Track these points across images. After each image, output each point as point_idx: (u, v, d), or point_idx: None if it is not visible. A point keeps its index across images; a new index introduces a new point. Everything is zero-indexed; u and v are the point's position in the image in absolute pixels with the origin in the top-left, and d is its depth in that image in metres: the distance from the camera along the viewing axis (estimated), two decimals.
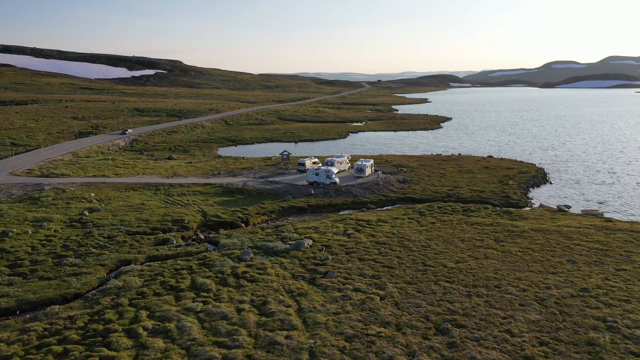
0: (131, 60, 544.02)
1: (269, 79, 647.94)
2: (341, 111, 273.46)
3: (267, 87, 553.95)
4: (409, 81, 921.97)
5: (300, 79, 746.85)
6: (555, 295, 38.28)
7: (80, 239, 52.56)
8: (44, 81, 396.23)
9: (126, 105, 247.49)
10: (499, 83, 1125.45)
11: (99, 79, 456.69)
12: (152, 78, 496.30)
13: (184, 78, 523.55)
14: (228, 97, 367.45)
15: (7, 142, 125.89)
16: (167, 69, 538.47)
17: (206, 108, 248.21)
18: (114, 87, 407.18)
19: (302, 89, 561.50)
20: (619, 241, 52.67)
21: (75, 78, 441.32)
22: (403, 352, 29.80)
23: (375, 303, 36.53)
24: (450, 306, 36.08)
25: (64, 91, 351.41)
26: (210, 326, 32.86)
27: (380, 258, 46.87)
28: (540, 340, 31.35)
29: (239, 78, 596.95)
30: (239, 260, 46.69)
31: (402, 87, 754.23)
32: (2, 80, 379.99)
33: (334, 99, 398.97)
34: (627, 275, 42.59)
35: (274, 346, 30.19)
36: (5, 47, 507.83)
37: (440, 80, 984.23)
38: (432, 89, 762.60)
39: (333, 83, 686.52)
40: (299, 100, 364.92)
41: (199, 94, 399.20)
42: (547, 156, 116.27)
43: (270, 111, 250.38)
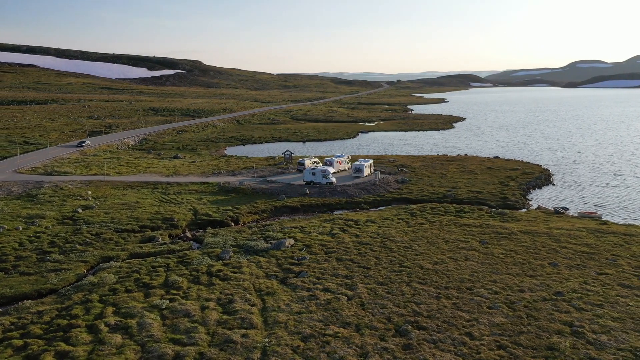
0: (151, 60, 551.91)
1: (287, 79, 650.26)
2: (355, 111, 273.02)
3: (284, 87, 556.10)
4: (429, 81, 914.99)
5: (318, 78, 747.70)
6: (527, 298, 37.64)
7: (69, 235, 53.60)
8: (66, 81, 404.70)
9: (142, 104, 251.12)
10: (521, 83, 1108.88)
11: (119, 79, 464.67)
12: (172, 78, 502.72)
13: (203, 78, 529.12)
14: (245, 97, 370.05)
15: (20, 140, 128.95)
16: (186, 69, 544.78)
17: (220, 108, 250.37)
18: (134, 87, 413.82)
19: (320, 89, 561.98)
20: (608, 244, 51.51)
21: (97, 78, 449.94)
22: (356, 352, 29.68)
23: (341, 303, 36.43)
24: (416, 308, 35.77)
25: (84, 91, 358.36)
26: (171, 323, 33.22)
27: (359, 258, 46.70)
28: (499, 344, 30.87)
29: (257, 78, 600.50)
30: (217, 258, 47.05)
31: (422, 86, 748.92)
32: (26, 80, 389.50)
33: (350, 99, 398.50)
34: (608, 280, 41.64)
35: (229, 344, 30.37)
36: (30, 48, 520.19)
37: (460, 80, 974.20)
38: (451, 88, 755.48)
39: (351, 83, 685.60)
40: (315, 100, 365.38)
41: (216, 93, 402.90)
42: (554, 157, 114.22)
43: (283, 111, 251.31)
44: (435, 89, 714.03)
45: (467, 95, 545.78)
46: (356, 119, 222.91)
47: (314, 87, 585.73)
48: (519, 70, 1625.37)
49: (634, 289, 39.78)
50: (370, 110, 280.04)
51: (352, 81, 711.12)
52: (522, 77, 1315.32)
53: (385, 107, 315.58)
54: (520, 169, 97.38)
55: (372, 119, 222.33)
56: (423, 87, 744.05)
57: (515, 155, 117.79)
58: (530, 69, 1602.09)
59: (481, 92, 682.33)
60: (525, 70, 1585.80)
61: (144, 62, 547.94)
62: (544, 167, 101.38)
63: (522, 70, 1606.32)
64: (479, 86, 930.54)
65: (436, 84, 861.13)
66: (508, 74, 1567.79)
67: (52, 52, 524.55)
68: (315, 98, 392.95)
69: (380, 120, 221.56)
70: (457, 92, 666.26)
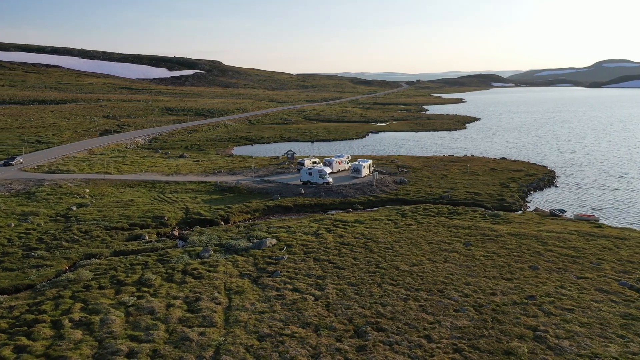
0: (171, 60, 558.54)
1: (305, 79, 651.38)
2: (370, 111, 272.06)
3: (303, 87, 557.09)
4: (450, 81, 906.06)
5: (337, 78, 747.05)
6: (497, 302, 37.08)
7: (58, 233, 54.68)
8: (87, 81, 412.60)
9: (158, 104, 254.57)
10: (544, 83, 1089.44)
11: (139, 79, 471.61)
12: (191, 78, 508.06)
13: (222, 78, 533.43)
14: (261, 97, 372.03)
15: (32, 139, 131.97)
16: (205, 69, 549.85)
17: (234, 107, 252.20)
18: (153, 87, 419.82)
19: (338, 89, 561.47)
20: (596, 248, 50.41)
21: (118, 78, 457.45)
22: (308, 353, 29.66)
23: (306, 303, 36.42)
24: (381, 309, 35.55)
25: (104, 91, 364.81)
26: (134, 320, 33.67)
27: (336, 259, 46.61)
28: (456, 348, 30.50)
29: (276, 78, 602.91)
30: (197, 257, 47.48)
31: (441, 86, 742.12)
32: (49, 80, 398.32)
33: (367, 99, 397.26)
34: (586, 284, 40.76)
35: (184, 342, 30.65)
36: (54, 49, 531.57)
37: (481, 80, 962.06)
38: (472, 88, 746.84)
39: (370, 83, 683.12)
40: (331, 100, 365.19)
41: (233, 93, 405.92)
42: (562, 159, 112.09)
43: (297, 111, 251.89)
44: (455, 89, 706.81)
45: (486, 96, 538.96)
46: (369, 119, 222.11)
47: (332, 87, 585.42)
48: (543, 70, 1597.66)
49: (611, 294, 38.87)
50: (384, 111, 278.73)
51: (371, 81, 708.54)
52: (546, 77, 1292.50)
53: (400, 107, 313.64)
54: (524, 171, 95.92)
55: (384, 119, 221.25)
56: (443, 87, 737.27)
57: (523, 156, 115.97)
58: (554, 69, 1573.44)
59: (501, 92, 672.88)
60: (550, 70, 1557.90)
61: (164, 62, 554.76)
62: (550, 169, 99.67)
63: (546, 70, 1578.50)
64: (501, 86, 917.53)
65: (456, 84, 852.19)
66: (531, 74, 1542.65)
67: (75, 53, 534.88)
68: (331, 98, 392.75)
69: (393, 120, 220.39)
70: (477, 92, 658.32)
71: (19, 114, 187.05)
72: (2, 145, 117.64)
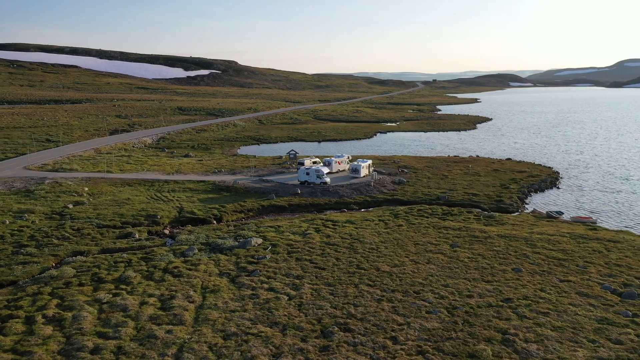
0: (187, 60, 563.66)
1: (320, 79, 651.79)
2: (381, 111, 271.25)
3: (317, 87, 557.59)
4: (466, 80, 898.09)
5: (353, 78, 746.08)
6: (472, 304, 36.70)
7: (51, 230, 55.63)
8: (104, 81, 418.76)
9: (171, 104, 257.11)
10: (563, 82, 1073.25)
11: (155, 79, 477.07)
12: (206, 78, 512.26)
13: (237, 78, 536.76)
14: (275, 97, 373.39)
15: (43, 138, 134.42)
16: (221, 69, 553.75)
17: (245, 107, 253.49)
18: (168, 87, 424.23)
19: (353, 89, 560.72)
20: (586, 251, 49.58)
21: (134, 78, 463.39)
22: (270, 352, 29.73)
23: (279, 303, 36.50)
24: (353, 310, 35.45)
25: (120, 91, 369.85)
26: (105, 317, 34.12)
27: (319, 259, 46.60)
28: (421, 350, 30.28)
29: (290, 78, 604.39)
30: (181, 255, 47.88)
31: (457, 86, 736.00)
32: (67, 80, 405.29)
33: (380, 99, 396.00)
34: (567, 287, 40.13)
35: (150, 339, 30.96)
36: (73, 49, 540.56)
37: (499, 79, 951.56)
38: (489, 88, 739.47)
39: (385, 83, 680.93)
40: (344, 100, 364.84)
41: (247, 93, 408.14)
42: (568, 160, 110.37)
43: (307, 111, 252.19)
44: (472, 89, 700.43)
45: (502, 96, 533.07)
46: (379, 119, 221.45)
47: (347, 87, 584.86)
48: (564, 70, 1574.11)
49: (591, 297, 38.21)
50: (397, 111, 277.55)
51: (386, 81, 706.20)
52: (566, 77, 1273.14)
53: (413, 107, 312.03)
54: (528, 172, 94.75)
55: (395, 119, 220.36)
56: (459, 87, 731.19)
57: (529, 157, 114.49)
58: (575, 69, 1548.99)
59: (519, 92, 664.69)
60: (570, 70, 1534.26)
61: (181, 62, 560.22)
62: (554, 170, 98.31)
63: (566, 70, 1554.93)
64: (518, 86, 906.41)
65: (473, 83, 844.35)
66: (551, 74, 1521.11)
67: (94, 53, 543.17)
68: (345, 98, 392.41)
69: (404, 120, 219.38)
70: (494, 92, 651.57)
71: (33, 113, 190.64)
72: (13, 144, 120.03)
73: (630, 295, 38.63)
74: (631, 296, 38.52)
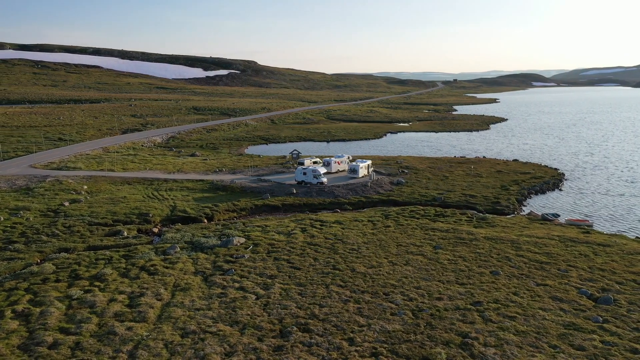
0: (207, 60, 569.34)
1: (339, 79, 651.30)
2: (396, 111, 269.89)
3: (335, 87, 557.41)
4: (488, 80, 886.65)
5: (372, 78, 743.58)
6: (439, 306, 36.30)
7: (43, 227, 56.87)
8: (125, 81, 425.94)
9: (186, 104, 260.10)
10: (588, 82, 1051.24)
11: (175, 79, 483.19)
12: (225, 78, 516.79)
13: (255, 78, 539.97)
14: (292, 97, 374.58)
15: (56, 137, 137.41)
16: (240, 69, 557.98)
17: (259, 107, 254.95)
18: (187, 87, 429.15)
19: (371, 89, 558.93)
20: (572, 254, 48.57)
21: (154, 78, 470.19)
22: (223, 351, 29.89)
23: (245, 302, 36.68)
24: (317, 310, 35.41)
25: (140, 90, 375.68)
26: (72, 313, 34.76)
27: (297, 259, 46.66)
28: (375, 352, 30.08)
29: (309, 78, 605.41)
30: (162, 253, 48.43)
31: (478, 86, 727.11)
32: (89, 80, 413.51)
33: (397, 99, 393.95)
34: (542, 291, 39.38)
35: (109, 336, 31.44)
36: (96, 50, 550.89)
37: (521, 79, 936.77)
38: (510, 88, 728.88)
39: (404, 83, 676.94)
40: (361, 100, 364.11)
41: (264, 93, 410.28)
42: (576, 161, 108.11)
43: (321, 110, 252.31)
44: (493, 89, 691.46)
45: (523, 96, 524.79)
46: (392, 119, 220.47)
47: (365, 87, 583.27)
48: (590, 69, 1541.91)
49: (564, 302, 37.44)
50: (412, 111, 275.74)
51: (405, 81, 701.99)
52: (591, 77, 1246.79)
53: (429, 107, 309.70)
54: (532, 173, 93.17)
55: (408, 119, 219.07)
56: (479, 87, 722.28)
57: (537, 158, 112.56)
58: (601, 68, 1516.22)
59: (541, 92, 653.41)
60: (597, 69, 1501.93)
61: (200, 62, 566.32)
62: (560, 172, 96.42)
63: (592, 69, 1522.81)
64: (541, 86, 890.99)
65: (495, 83, 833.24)
66: (577, 73, 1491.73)
67: (116, 54, 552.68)
68: (361, 98, 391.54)
69: (417, 120, 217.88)
70: (515, 92, 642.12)
71: (51, 112, 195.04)
72: (26, 143, 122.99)
73: (606, 300, 37.74)
74: (606, 301, 37.62)
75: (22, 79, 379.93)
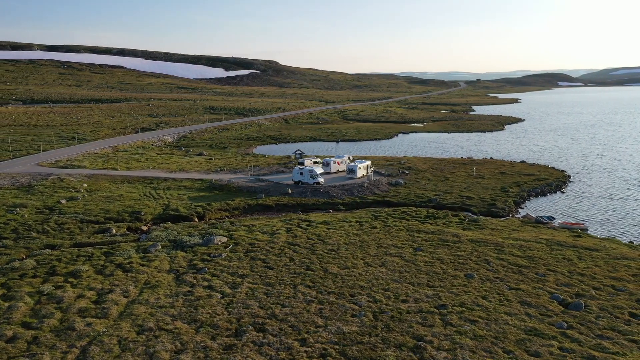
0: (228, 61, 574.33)
1: (360, 79, 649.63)
2: (413, 111, 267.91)
3: (355, 87, 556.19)
4: (512, 80, 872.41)
5: (394, 78, 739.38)
6: (403, 309, 36.00)
7: (35, 224, 58.31)
8: (147, 81, 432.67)
9: (203, 104, 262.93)
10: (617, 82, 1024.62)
11: (196, 79, 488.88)
12: (246, 78, 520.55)
13: (276, 78, 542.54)
14: (310, 97, 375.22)
15: (69, 136, 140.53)
16: (261, 69, 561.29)
17: (275, 107, 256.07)
18: (208, 87, 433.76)
19: (391, 89, 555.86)
20: (555, 258, 47.57)
21: (176, 78, 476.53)
22: (174, 348, 30.24)
23: (209, 301, 37.00)
24: (278, 310, 35.51)
25: (161, 90, 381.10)
26: (38, 308, 35.61)
27: (273, 258, 46.83)
28: (325, 353, 30.01)
29: (330, 78, 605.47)
30: (143, 251, 49.17)
31: (502, 86, 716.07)
32: (112, 80, 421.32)
33: (416, 99, 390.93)
34: (513, 296, 38.69)
35: (67, 331, 32.12)
36: (120, 50, 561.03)
37: (547, 79, 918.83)
38: (535, 88, 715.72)
39: (426, 82, 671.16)
40: (379, 100, 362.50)
41: (283, 93, 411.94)
42: (584, 163, 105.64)
43: (336, 110, 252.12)
44: (517, 88, 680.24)
45: (546, 96, 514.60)
46: (407, 120, 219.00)
47: (386, 87, 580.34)
48: (620, 69, 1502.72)
49: (533, 307, 36.73)
50: (428, 111, 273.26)
51: (427, 81, 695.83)
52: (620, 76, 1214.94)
53: (448, 107, 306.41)
54: (536, 175, 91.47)
55: (423, 120, 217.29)
56: (503, 86, 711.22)
57: (545, 160, 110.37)
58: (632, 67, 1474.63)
59: (566, 92, 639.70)
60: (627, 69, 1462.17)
61: (222, 62, 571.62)
62: (566, 174, 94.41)
63: (623, 69, 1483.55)
64: (568, 86, 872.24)
65: (519, 83, 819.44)
66: (606, 73, 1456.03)
67: (140, 54, 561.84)
68: (380, 98, 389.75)
69: (431, 120, 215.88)
70: (539, 92, 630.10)
71: (69, 112, 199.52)
72: (39, 141, 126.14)
73: (576, 306, 36.87)
74: (577, 307, 36.76)
75: (48, 79, 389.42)
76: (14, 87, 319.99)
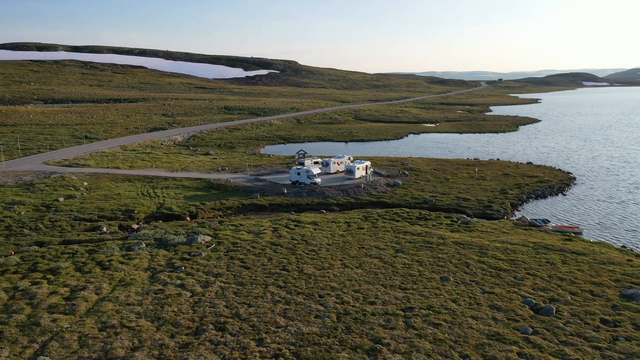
0: (248, 61, 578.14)
1: (379, 79, 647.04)
2: (428, 111, 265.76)
3: (374, 87, 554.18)
4: (535, 80, 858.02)
5: (413, 78, 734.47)
6: (368, 311, 35.84)
7: (30, 221, 59.68)
8: (167, 81, 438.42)
9: (219, 104, 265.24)
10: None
11: (216, 79, 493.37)
12: (264, 78, 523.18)
13: (294, 78, 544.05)
14: (327, 96, 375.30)
15: (82, 135, 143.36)
16: (279, 69, 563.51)
17: (289, 107, 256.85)
18: (226, 87, 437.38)
19: (410, 89, 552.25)
20: (538, 262, 46.78)
21: (195, 78, 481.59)
22: (131, 345, 30.67)
23: (177, 299, 37.42)
24: (242, 310, 35.71)
25: (180, 90, 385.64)
26: (11, 303, 36.48)
27: (252, 258, 47.09)
28: (279, 353, 30.07)
29: (348, 77, 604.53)
30: (126, 249, 49.93)
31: (524, 86, 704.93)
32: (133, 80, 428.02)
33: (433, 99, 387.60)
34: (484, 300, 38.18)
35: (32, 327, 32.86)
36: (142, 51, 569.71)
37: (571, 79, 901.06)
38: (558, 88, 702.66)
39: (446, 82, 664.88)
40: (396, 100, 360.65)
41: (301, 93, 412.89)
42: (591, 165, 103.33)
43: (350, 110, 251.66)
44: (539, 88, 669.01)
45: (568, 96, 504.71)
46: (420, 120, 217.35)
47: (405, 86, 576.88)
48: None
49: (502, 311, 36.20)
50: (444, 111, 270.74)
51: (447, 80, 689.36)
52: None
53: (465, 107, 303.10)
54: (540, 177, 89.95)
55: (437, 120, 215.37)
56: (525, 86, 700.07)
57: (552, 161, 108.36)
58: None
59: (589, 92, 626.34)
60: None
61: (241, 62, 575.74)
62: (571, 176, 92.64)
63: None
64: (592, 85, 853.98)
65: (542, 83, 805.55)
66: (634, 72, 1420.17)
67: (161, 55, 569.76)
68: (397, 98, 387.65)
69: (445, 121, 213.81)
70: (562, 92, 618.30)
71: (86, 111, 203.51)
72: (52, 140, 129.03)
73: (547, 311, 36.20)
74: (547, 312, 36.09)
75: (71, 79, 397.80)
76: (38, 87, 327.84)
